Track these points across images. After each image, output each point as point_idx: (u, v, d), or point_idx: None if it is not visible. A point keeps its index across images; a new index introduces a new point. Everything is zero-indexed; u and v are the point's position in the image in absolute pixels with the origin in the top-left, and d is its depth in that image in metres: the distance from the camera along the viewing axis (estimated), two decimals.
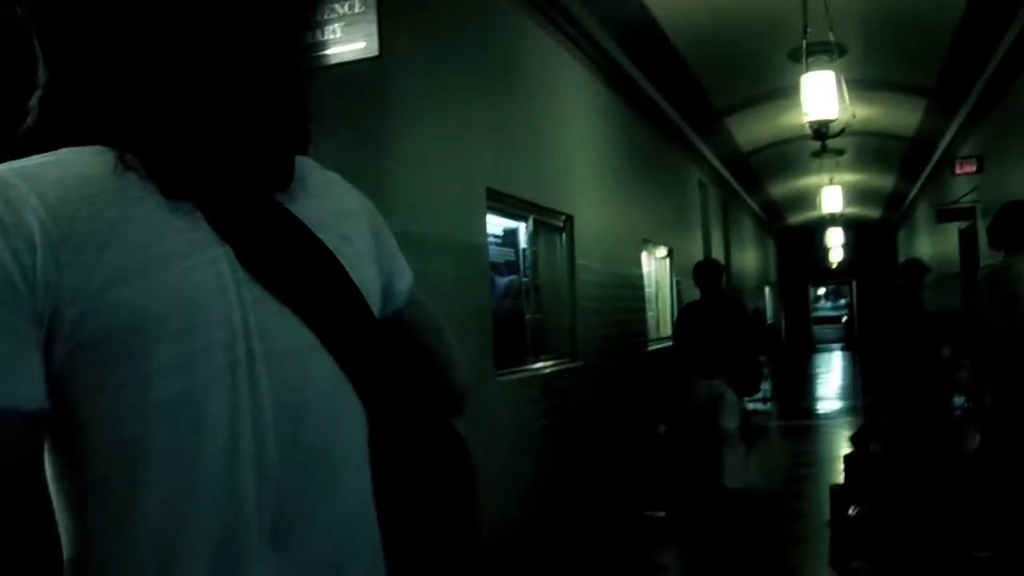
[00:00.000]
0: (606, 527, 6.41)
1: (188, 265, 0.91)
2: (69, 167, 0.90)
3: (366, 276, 1.07)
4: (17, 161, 0.90)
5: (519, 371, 6.08)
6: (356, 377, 1.00)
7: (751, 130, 12.97)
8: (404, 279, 1.22)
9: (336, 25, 3.41)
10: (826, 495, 6.30)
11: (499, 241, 6.42)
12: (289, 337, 0.96)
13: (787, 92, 9.77)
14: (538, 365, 6.48)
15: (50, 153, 0.92)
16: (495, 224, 6.17)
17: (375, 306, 1.08)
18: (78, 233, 0.86)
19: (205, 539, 0.88)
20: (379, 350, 1.05)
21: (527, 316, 6.52)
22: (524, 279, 6.63)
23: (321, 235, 1.02)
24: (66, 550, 0.91)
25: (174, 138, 0.93)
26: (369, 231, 1.16)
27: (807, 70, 8.03)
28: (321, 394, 0.98)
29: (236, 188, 0.97)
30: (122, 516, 0.87)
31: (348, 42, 3.41)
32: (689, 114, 11.18)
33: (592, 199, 7.89)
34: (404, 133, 4.54)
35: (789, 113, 10.76)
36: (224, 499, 0.89)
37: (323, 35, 3.44)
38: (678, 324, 7.57)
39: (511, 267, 6.57)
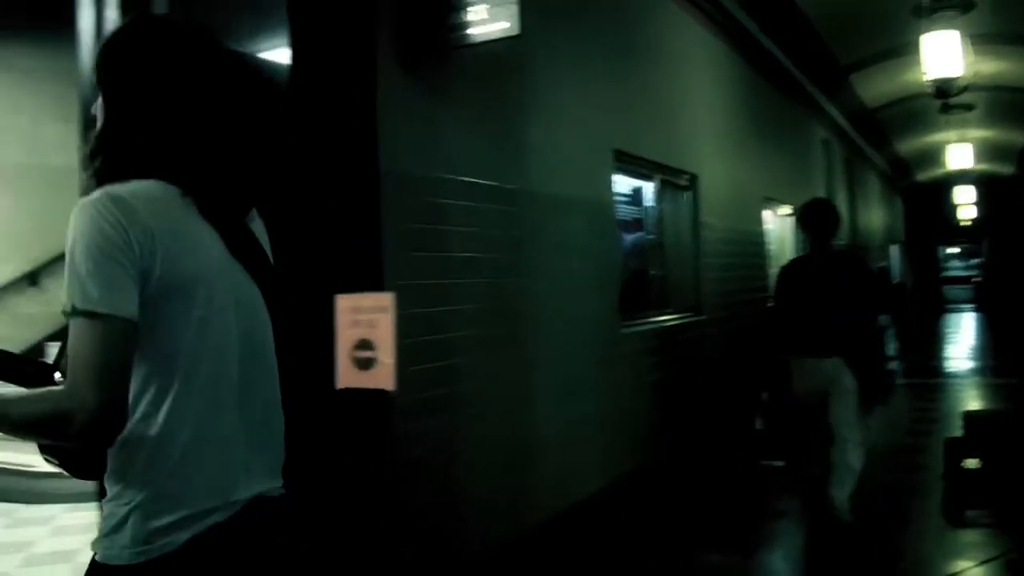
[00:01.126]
0: (725, 475, 6.69)
1: (210, 252, 1.70)
2: (148, 192, 1.64)
3: (272, 263, 1.91)
4: (118, 185, 1.62)
5: (643, 323, 6.40)
6: (271, 310, 1.85)
7: (877, 86, 12.86)
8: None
9: (481, 7, 3.76)
10: None
11: (627, 200, 6.73)
12: (249, 290, 1.79)
13: (914, 48, 9.72)
14: (662, 318, 6.80)
15: (132, 182, 1.64)
16: (623, 184, 6.48)
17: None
18: (161, 230, 1.60)
19: (213, 386, 1.67)
20: (279, 298, 1.89)
21: (652, 272, 6.83)
22: (650, 236, 6.93)
23: (260, 239, 1.89)
24: (137, 409, 1.61)
25: (210, 188, 1.74)
26: (266, 240, 1.95)
27: (931, 27, 7.97)
28: (261, 320, 1.82)
29: (230, 216, 1.79)
30: (171, 373, 1.63)
31: (492, 22, 3.76)
32: (813, 71, 11.19)
33: (716, 158, 8.11)
34: (540, 102, 4.89)
35: (916, 69, 10.67)
36: (220, 366, 1.69)
37: (469, 16, 3.80)
38: (779, 285, 5.81)
39: (638, 224, 6.88)
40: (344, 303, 3.31)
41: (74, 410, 1.49)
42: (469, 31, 3.84)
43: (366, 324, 3.24)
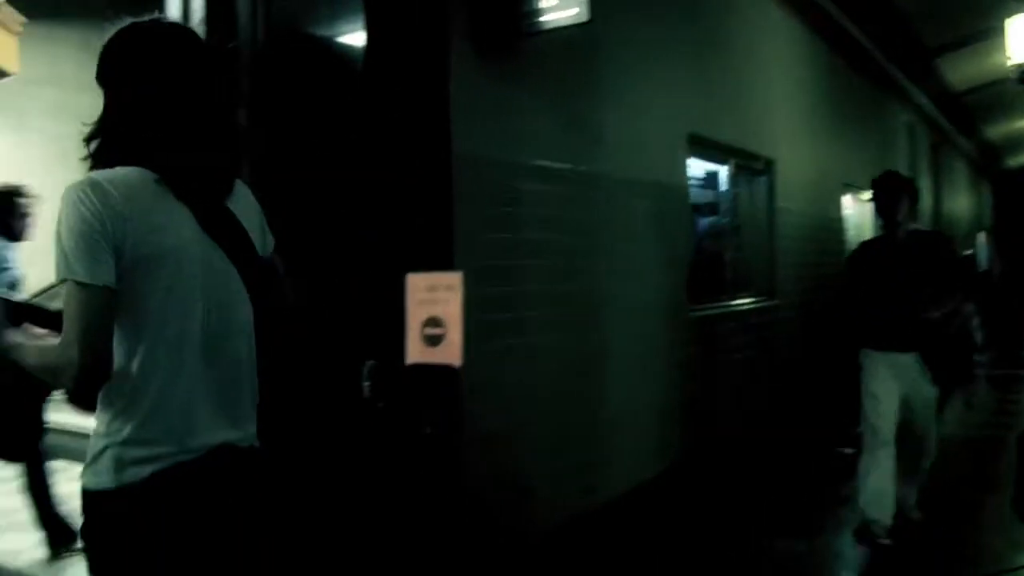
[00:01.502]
0: (796, 461, 6.67)
1: (182, 228, 1.94)
2: (126, 177, 1.90)
3: (255, 240, 2.12)
4: (100, 172, 1.90)
5: (716, 307, 6.41)
6: (247, 283, 2.06)
7: (965, 69, 12.56)
8: (269, 244, 2.23)
9: None
10: None
11: (702, 184, 6.72)
12: (221, 264, 2.00)
13: (1002, 31, 9.48)
14: (736, 302, 6.79)
15: (114, 169, 1.91)
16: (698, 168, 6.48)
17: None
18: (132, 212, 1.85)
19: (179, 345, 1.93)
20: (260, 272, 2.11)
21: (726, 256, 6.82)
22: (725, 220, 6.92)
23: (239, 218, 2.08)
24: (115, 362, 1.88)
25: (182, 174, 1.96)
26: (257, 220, 2.17)
27: (1018, 10, 7.78)
28: (231, 290, 2.03)
29: (203, 199, 2.01)
30: (142, 332, 1.90)
31: (562, 9, 3.81)
32: (897, 54, 10.97)
33: (793, 143, 8.04)
34: (614, 86, 4.93)
35: (1004, 52, 10.40)
36: (185, 329, 1.94)
37: (540, 3, 3.86)
38: (848, 271, 5.26)
39: (712, 208, 6.88)
40: (415, 281, 3.41)
41: (63, 364, 1.82)
42: (540, 18, 3.91)
43: (436, 302, 3.34)
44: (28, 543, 5.62)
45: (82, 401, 2.00)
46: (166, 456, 1.88)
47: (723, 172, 6.93)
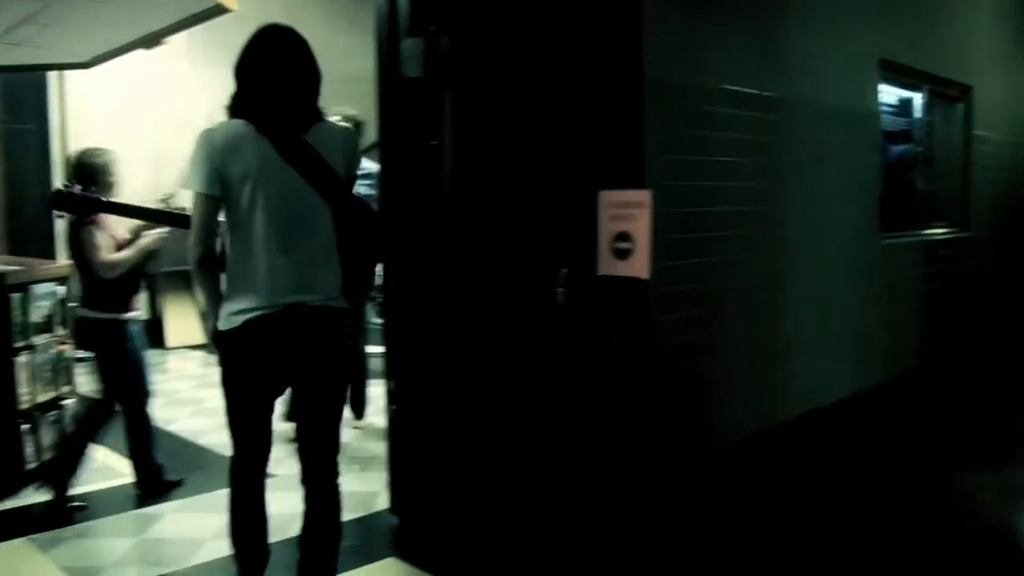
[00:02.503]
0: (987, 393, 6.56)
1: (263, 156, 2.89)
2: (229, 127, 2.94)
3: (334, 162, 3.00)
4: (215, 124, 2.97)
5: (907, 235, 6.33)
6: (323, 195, 2.99)
7: None
8: (354, 168, 3.17)
9: None
10: None
11: (894, 110, 6.60)
12: (295, 181, 2.93)
13: None
14: (927, 231, 6.67)
15: (225, 121, 2.98)
16: (890, 93, 6.37)
17: (340, 173, 3.03)
18: (227, 145, 2.89)
19: (265, 240, 2.94)
20: (336, 187, 3.02)
21: (918, 184, 6.70)
22: (918, 148, 6.78)
23: (317, 148, 2.97)
24: (228, 251, 3.02)
25: (262, 120, 2.92)
26: (341, 148, 3.06)
27: None
28: (303, 200, 2.96)
29: (285, 132, 2.94)
30: (240, 230, 2.96)
31: None
32: None
33: (994, 68, 7.72)
34: (803, 10, 4.94)
35: None
36: (265, 227, 2.92)
37: None
38: None
39: (905, 136, 6.75)
40: (607, 198, 3.63)
41: (188, 253, 2.98)
42: None
43: (626, 218, 3.56)
44: (210, 425, 6.29)
45: (200, 273, 3.04)
46: (251, 311, 2.95)
47: (917, 99, 6.77)
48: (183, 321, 9.87)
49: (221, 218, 3.01)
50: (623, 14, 3.74)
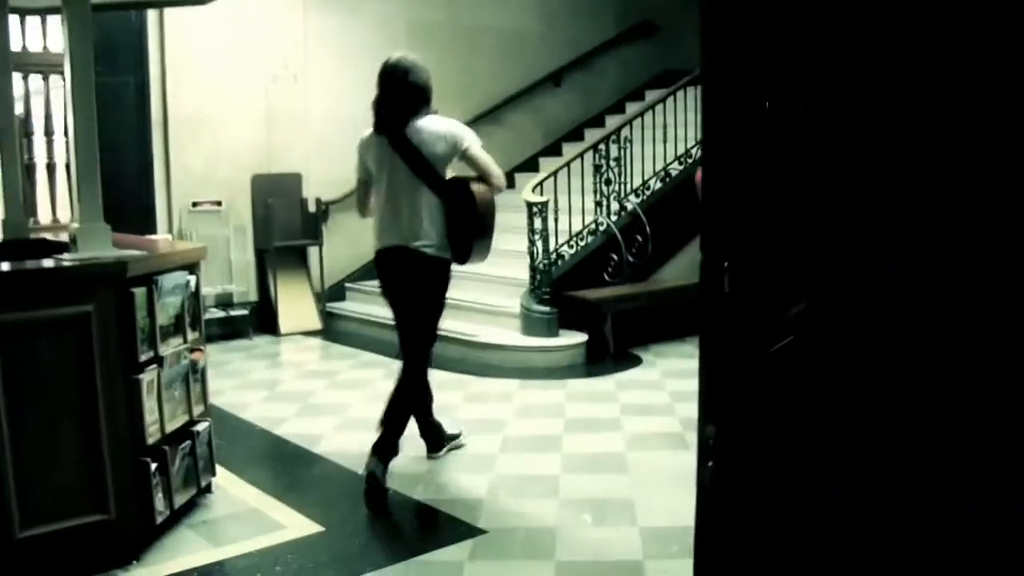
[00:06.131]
0: None
1: (383, 151, 4.46)
2: (367, 133, 4.60)
3: (435, 155, 4.39)
4: (365, 132, 4.64)
5: None
6: (419, 176, 4.39)
7: None
8: (463, 148, 4.43)
9: None
10: None
11: None
12: (401, 165, 4.39)
13: None
14: None
15: (370, 129, 4.64)
16: None
17: (443, 162, 4.44)
18: (366, 146, 4.58)
19: (383, 204, 4.52)
20: (438, 177, 4.42)
21: None
22: None
23: (414, 142, 4.39)
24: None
25: (378, 126, 4.52)
26: (445, 139, 4.38)
27: None
28: (407, 180, 4.39)
29: (392, 130, 4.43)
30: (376, 198, 4.63)
31: None
32: None
33: None
34: None
35: None
36: (386, 197, 4.49)
37: None
38: None
39: None
40: None
41: (357, 208, 4.80)
42: None
43: None
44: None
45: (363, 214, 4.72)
46: (379, 246, 4.45)
47: None
48: (296, 304, 8.68)
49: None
50: None
